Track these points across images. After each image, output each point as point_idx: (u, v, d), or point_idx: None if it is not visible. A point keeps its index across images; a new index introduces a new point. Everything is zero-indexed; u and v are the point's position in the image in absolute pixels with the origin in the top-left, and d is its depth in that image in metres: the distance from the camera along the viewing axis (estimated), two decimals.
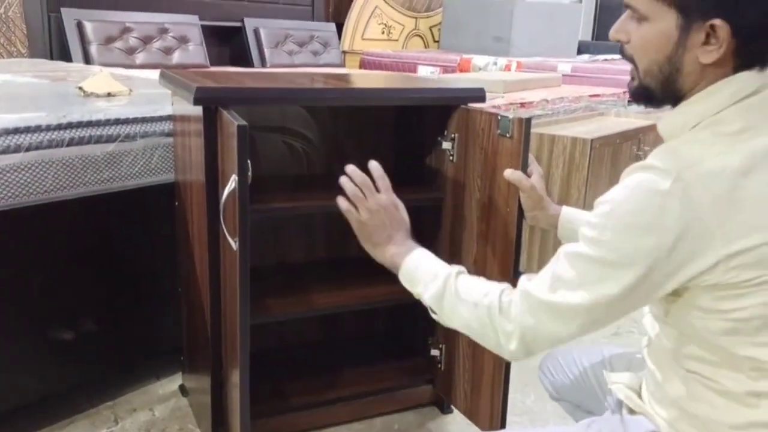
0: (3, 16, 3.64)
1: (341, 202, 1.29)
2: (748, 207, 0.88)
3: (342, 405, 1.88)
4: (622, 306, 0.97)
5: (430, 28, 6.34)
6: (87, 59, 3.87)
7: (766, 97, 0.94)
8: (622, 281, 0.94)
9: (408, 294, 1.97)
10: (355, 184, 1.28)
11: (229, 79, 1.67)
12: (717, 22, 0.89)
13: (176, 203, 1.81)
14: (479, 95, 1.72)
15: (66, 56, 3.86)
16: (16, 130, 1.59)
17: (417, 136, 1.88)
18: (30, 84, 2.42)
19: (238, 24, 4.82)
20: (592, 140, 2.71)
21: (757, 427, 0.95)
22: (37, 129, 1.64)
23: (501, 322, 1.06)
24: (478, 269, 1.66)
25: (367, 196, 1.28)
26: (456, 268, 1.19)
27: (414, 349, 1.99)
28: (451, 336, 1.81)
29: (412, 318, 2.02)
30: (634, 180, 0.94)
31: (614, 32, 1.02)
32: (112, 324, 1.92)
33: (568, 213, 1.41)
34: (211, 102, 1.43)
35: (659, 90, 0.99)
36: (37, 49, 3.78)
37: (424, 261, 1.23)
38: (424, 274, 1.20)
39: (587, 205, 2.76)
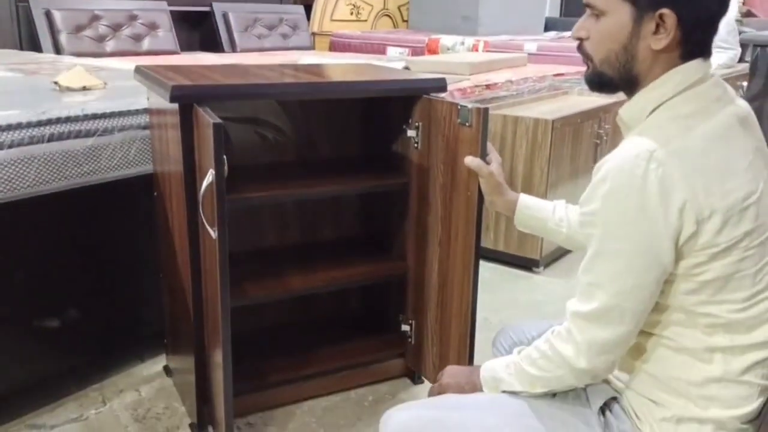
0: None
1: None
2: (715, 177, 1.00)
3: (319, 380, 1.99)
4: (655, 288, 1.04)
5: (399, 8, 6.39)
6: (57, 48, 3.87)
7: (710, 85, 1.08)
8: (636, 266, 1.02)
9: (377, 275, 2.08)
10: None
11: (201, 75, 1.74)
12: (665, 11, 1.02)
13: (155, 193, 1.89)
14: (441, 85, 1.81)
15: (35, 46, 3.86)
16: None
17: (384, 125, 1.97)
18: (5, 78, 2.47)
19: (207, 9, 4.83)
20: (553, 121, 2.82)
21: (712, 382, 1.05)
22: (18, 126, 1.70)
23: (561, 350, 1.10)
24: (443, 249, 1.77)
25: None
26: (516, 348, 1.24)
27: (385, 325, 2.10)
28: (420, 312, 1.92)
29: (383, 296, 2.13)
30: (609, 171, 1.02)
31: (575, 31, 1.14)
32: (96, 310, 2.00)
33: (525, 200, 1.50)
34: (187, 99, 1.51)
35: (616, 76, 1.10)
36: (6, 39, 3.79)
37: (491, 364, 1.27)
38: (500, 374, 1.23)
39: (550, 183, 2.88)
